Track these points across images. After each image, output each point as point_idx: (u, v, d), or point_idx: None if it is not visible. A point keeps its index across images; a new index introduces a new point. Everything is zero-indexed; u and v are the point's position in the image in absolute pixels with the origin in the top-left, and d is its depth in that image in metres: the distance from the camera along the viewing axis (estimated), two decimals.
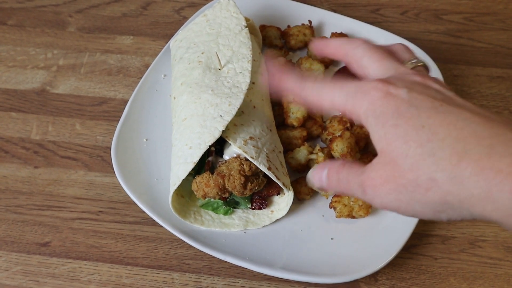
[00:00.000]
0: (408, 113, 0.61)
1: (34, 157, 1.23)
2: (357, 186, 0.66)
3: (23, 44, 1.42)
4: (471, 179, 0.57)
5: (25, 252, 1.11)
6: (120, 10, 1.49)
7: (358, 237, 1.08)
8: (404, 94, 0.62)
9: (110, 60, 1.39)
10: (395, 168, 0.61)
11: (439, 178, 0.58)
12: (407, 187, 0.60)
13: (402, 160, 0.60)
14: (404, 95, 0.62)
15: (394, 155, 0.61)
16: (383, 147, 0.62)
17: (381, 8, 1.50)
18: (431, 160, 0.58)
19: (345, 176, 0.68)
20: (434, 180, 0.59)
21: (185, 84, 1.13)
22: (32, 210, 1.16)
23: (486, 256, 1.10)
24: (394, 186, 0.61)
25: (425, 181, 0.59)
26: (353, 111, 0.65)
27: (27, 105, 1.32)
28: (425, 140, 0.59)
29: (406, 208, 0.62)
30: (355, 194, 0.67)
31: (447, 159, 0.58)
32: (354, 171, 0.67)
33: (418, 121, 0.60)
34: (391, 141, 0.61)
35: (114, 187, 1.18)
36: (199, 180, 1.04)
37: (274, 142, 1.11)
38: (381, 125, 0.62)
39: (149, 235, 1.12)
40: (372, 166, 0.64)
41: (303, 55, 1.35)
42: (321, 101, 0.69)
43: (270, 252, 1.06)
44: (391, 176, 0.61)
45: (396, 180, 0.61)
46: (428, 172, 0.59)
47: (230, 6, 1.23)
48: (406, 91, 0.62)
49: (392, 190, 0.62)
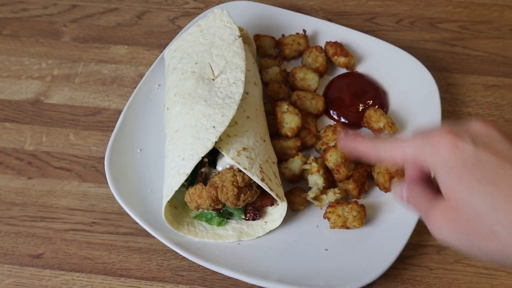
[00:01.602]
0: (473, 166, 0.65)
1: (28, 168, 1.23)
2: (424, 214, 0.71)
3: (18, 54, 1.42)
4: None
5: (18, 264, 1.10)
6: (115, 20, 1.49)
7: (352, 248, 1.07)
8: (470, 147, 0.66)
9: (105, 70, 1.39)
10: (459, 215, 0.65)
11: (499, 232, 0.62)
12: (469, 234, 0.65)
13: (466, 209, 0.65)
14: (471, 148, 0.66)
15: (459, 204, 0.65)
16: (449, 195, 0.67)
17: (376, 16, 1.50)
18: (493, 214, 0.62)
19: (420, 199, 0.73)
20: (495, 233, 0.63)
21: (178, 94, 1.13)
22: (25, 222, 1.15)
23: (481, 267, 1.09)
24: (456, 229, 0.66)
25: (487, 233, 0.63)
26: (424, 164, 0.70)
27: (21, 115, 1.31)
28: (489, 194, 0.63)
29: (467, 250, 0.67)
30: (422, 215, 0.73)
31: (509, 214, 0.62)
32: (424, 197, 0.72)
33: (482, 175, 0.64)
34: (456, 190, 0.66)
35: (107, 198, 1.18)
36: (192, 192, 1.04)
37: (268, 153, 1.11)
38: (448, 175, 0.67)
39: (143, 246, 1.12)
40: (439, 205, 0.69)
41: (297, 64, 1.34)
42: (394, 158, 0.74)
43: (264, 264, 1.05)
44: (455, 220, 0.66)
45: (458, 224, 0.66)
46: (489, 225, 0.63)
47: (224, 16, 1.23)
48: (472, 145, 0.66)
49: (454, 232, 0.66)
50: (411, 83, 1.28)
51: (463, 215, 0.65)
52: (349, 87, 1.28)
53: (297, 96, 1.24)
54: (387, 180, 1.11)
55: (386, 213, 1.11)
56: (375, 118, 1.20)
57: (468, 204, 0.65)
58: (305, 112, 1.23)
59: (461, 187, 0.65)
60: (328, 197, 1.09)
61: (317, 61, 1.30)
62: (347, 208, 1.08)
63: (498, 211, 0.62)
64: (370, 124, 1.21)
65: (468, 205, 0.65)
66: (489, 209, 0.63)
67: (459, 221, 0.66)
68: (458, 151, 0.66)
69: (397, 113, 1.25)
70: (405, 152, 0.72)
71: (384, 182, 1.12)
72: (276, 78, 1.28)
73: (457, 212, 0.66)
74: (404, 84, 1.28)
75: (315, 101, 1.24)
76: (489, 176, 0.64)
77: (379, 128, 1.20)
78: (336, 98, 1.27)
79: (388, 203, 1.12)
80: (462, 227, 0.65)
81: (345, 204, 1.09)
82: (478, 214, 0.64)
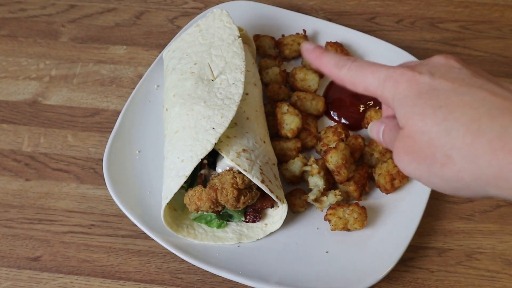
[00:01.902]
0: (428, 94, 0.65)
1: (26, 170, 1.22)
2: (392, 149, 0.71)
3: (15, 54, 1.41)
4: (484, 158, 0.60)
5: (16, 267, 1.09)
6: (113, 20, 1.48)
7: (353, 250, 1.06)
8: (426, 79, 0.67)
9: (103, 71, 1.38)
10: (414, 143, 0.66)
11: (454, 156, 0.62)
12: (425, 161, 0.65)
13: (419, 136, 0.65)
14: (427, 79, 0.67)
15: (413, 131, 0.66)
16: (404, 124, 0.67)
17: (377, 16, 1.49)
18: (446, 138, 0.62)
19: (391, 135, 0.74)
20: (449, 157, 0.62)
21: (177, 95, 1.12)
22: (23, 224, 1.14)
23: (483, 269, 1.08)
24: (413, 158, 0.66)
25: (441, 157, 0.63)
26: (383, 96, 0.71)
27: (18, 116, 1.30)
28: (441, 119, 0.63)
29: (427, 180, 0.67)
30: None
31: (461, 138, 0.61)
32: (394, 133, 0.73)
33: (436, 101, 0.64)
34: (409, 118, 0.66)
35: (106, 200, 1.17)
36: (192, 194, 1.03)
37: (268, 154, 1.10)
38: (403, 105, 0.67)
39: (142, 249, 1.11)
40: (399, 136, 0.69)
41: (297, 64, 1.33)
42: (356, 86, 0.74)
43: (264, 266, 1.04)
44: (411, 149, 0.66)
45: (415, 153, 0.66)
46: (444, 150, 0.63)
47: (223, 16, 1.22)
48: (429, 77, 0.67)
49: (412, 161, 0.66)
50: None
51: (418, 142, 0.65)
52: None
53: (297, 97, 1.23)
54: (388, 181, 1.11)
55: (387, 215, 1.10)
56: (376, 119, 1.19)
57: (421, 130, 0.65)
58: (305, 113, 1.22)
59: (415, 114, 0.66)
60: (328, 199, 1.08)
61: None
62: (348, 210, 1.07)
63: (452, 135, 0.62)
64: None
65: (421, 132, 0.65)
66: (442, 134, 0.63)
67: (415, 149, 0.66)
68: (415, 84, 0.67)
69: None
70: (366, 83, 0.72)
71: (385, 184, 1.11)
72: (276, 79, 1.27)
73: (413, 140, 0.66)
74: None
75: (316, 102, 1.23)
76: (442, 102, 0.64)
77: None
78: (337, 99, 1.26)
79: (390, 205, 1.11)
80: (418, 155, 0.65)
81: (346, 206, 1.08)
82: (432, 139, 0.64)
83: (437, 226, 1.13)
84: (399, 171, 1.11)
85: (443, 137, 0.63)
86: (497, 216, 1.14)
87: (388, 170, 1.11)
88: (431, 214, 1.14)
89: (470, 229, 1.13)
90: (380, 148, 1.16)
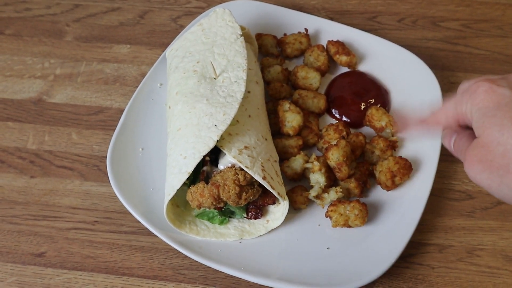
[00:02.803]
0: (507, 107, 0.67)
1: (30, 167, 1.23)
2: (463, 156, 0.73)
3: (20, 53, 1.43)
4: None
5: (20, 263, 1.10)
6: (117, 19, 1.49)
7: (354, 247, 1.07)
8: (506, 91, 0.69)
9: (107, 69, 1.39)
10: (488, 152, 0.68)
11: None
12: (498, 171, 0.67)
13: (495, 146, 0.67)
14: (506, 92, 0.69)
15: (489, 140, 0.68)
16: (480, 133, 0.69)
17: (378, 15, 1.50)
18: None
19: (462, 144, 0.76)
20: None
21: (180, 93, 1.13)
22: (28, 220, 1.16)
23: (484, 265, 1.09)
24: (486, 166, 0.68)
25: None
26: (462, 112, 0.73)
27: (23, 114, 1.32)
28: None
29: (496, 189, 0.69)
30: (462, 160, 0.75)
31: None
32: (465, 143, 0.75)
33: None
34: (487, 128, 0.68)
35: (110, 196, 1.18)
36: (194, 190, 1.04)
37: (270, 151, 1.11)
38: (482, 115, 0.69)
39: (145, 245, 1.12)
40: (472, 144, 0.71)
41: (299, 63, 1.34)
42: (439, 121, 0.79)
43: (266, 262, 1.05)
44: (484, 158, 0.68)
45: (488, 162, 0.68)
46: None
47: (225, 15, 1.23)
48: (509, 90, 0.69)
49: (484, 170, 0.69)
50: (413, 82, 1.27)
51: (493, 152, 0.67)
52: (351, 86, 1.28)
53: (299, 95, 1.24)
54: (389, 178, 1.11)
55: (388, 211, 1.11)
56: (377, 117, 1.20)
57: (498, 141, 0.66)
58: (307, 111, 1.23)
59: (493, 125, 0.67)
60: (330, 195, 1.09)
61: (319, 60, 1.30)
62: (349, 206, 1.08)
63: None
64: (372, 123, 1.21)
65: (498, 142, 0.66)
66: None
67: (489, 158, 0.67)
68: (494, 94, 0.69)
69: (399, 111, 1.25)
70: (447, 109, 0.76)
71: (386, 181, 1.12)
72: (278, 77, 1.28)
73: (488, 149, 0.68)
74: (406, 83, 1.27)
75: (317, 100, 1.24)
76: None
77: (381, 126, 1.20)
78: (338, 97, 1.27)
79: (390, 202, 1.12)
80: (491, 164, 0.67)
81: (347, 203, 1.08)
82: (507, 150, 0.66)
83: (438, 222, 1.14)
84: (400, 168, 1.11)
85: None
86: (498, 213, 1.15)
87: (389, 167, 1.12)
88: (432, 211, 1.14)
89: (471, 226, 1.13)
90: (381, 145, 1.16)
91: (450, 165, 1.20)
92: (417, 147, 1.18)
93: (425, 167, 1.15)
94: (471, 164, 0.71)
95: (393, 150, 1.17)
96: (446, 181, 1.19)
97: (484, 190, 1.16)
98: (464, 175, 1.20)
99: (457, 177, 1.19)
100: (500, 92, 0.69)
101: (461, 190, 1.18)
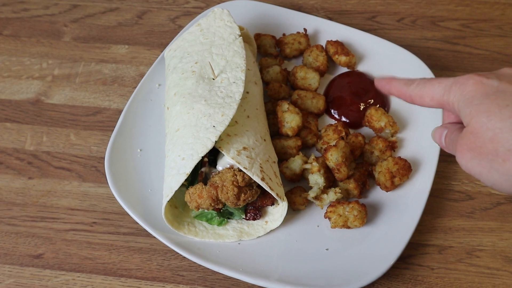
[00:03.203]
0: (494, 95, 0.70)
1: (28, 168, 1.23)
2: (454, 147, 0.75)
3: (18, 54, 1.42)
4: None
5: (18, 265, 1.10)
6: (116, 19, 1.49)
7: (353, 248, 1.07)
8: (494, 82, 0.71)
9: (105, 70, 1.39)
10: (477, 138, 0.69)
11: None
12: (488, 156, 0.68)
13: (483, 132, 0.69)
14: (495, 83, 0.71)
15: (477, 127, 0.69)
16: (468, 121, 0.71)
17: (378, 15, 1.49)
18: (511, 134, 0.66)
19: (453, 138, 0.78)
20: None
21: (178, 94, 1.13)
22: (26, 222, 1.15)
23: (483, 266, 1.08)
24: (476, 153, 0.70)
25: (504, 152, 0.67)
26: (448, 100, 0.75)
27: (21, 115, 1.31)
28: (507, 116, 0.67)
29: (487, 176, 0.70)
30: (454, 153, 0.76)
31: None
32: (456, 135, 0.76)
33: (503, 101, 0.68)
34: (474, 116, 0.70)
35: (108, 197, 1.18)
36: (192, 191, 1.03)
37: (268, 152, 1.10)
38: (469, 104, 0.71)
39: (143, 246, 1.12)
40: (462, 134, 0.73)
41: (298, 63, 1.34)
42: (423, 97, 0.79)
43: (265, 264, 1.05)
44: (473, 145, 0.70)
45: (478, 148, 0.69)
46: (507, 145, 0.66)
47: (224, 15, 1.23)
48: (497, 81, 0.72)
49: (475, 157, 0.70)
50: None
51: (482, 138, 0.69)
52: (350, 86, 1.27)
53: (297, 95, 1.24)
54: (388, 179, 1.11)
55: (387, 212, 1.11)
56: (376, 117, 1.19)
57: (486, 127, 0.68)
58: (305, 112, 1.22)
59: (480, 112, 0.69)
60: (329, 196, 1.09)
61: (318, 60, 1.30)
62: (348, 207, 1.07)
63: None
64: (371, 123, 1.20)
65: (486, 128, 0.68)
66: (507, 130, 0.66)
67: (478, 145, 0.69)
68: (482, 86, 0.71)
69: (399, 112, 1.25)
70: (434, 92, 0.77)
71: (385, 181, 1.11)
72: (276, 77, 1.28)
73: (476, 136, 0.69)
74: None
75: (316, 100, 1.24)
76: (508, 102, 0.68)
77: (380, 127, 1.19)
78: (337, 97, 1.26)
79: (389, 203, 1.12)
80: (481, 151, 0.69)
81: (346, 204, 1.08)
82: (496, 135, 0.67)
83: (437, 223, 1.13)
84: (399, 169, 1.11)
85: (507, 132, 0.66)
86: (497, 213, 1.14)
87: (388, 168, 1.11)
88: (431, 212, 1.14)
89: (470, 227, 1.13)
90: (380, 146, 1.16)
91: (449, 165, 1.20)
92: (417, 147, 1.18)
93: (424, 168, 1.14)
94: (462, 153, 0.72)
95: (392, 151, 1.17)
96: (445, 181, 1.19)
97: (483, 190, 1.17)
98: (464, 176, 1.19)
99: (456, 177, 1.19)
100: (489, 84, 0.71)
101: (461, 190, 1.18)
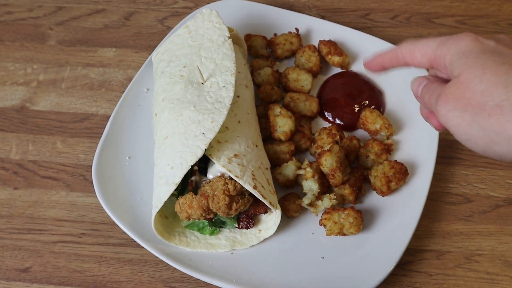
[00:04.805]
0: (491, 53, 0.69)
1: (14, 178, 1.19)
2: (436, 96, 0.73)
3: (2, 59, 1.38)
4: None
5: (5, 279, 1.07)
6: (102, 22, 1.45)
7: (349, 255, 1.04)
8: (491, 43, 0.71)
9: (92, 74, 1.35)
10: (467, 89, 0.68)
11: (505, 107, 0.64)
12: (474, 108, 0.67)
13: (476, 84, 0.67)
14: (492, 43, 0.71)
15: (470, 78, 0.68)
16: (460, 71, 0.69)
17: (371, 12, 1.46)
18: (503, 90, 0.65)
19: (434, 87, 0.76)
20: (500, 107, 0.65)
21: (166, 100, 1.09)
22: (12, 234, 1.12)
23: (482, 271, 1.06)
24: (461, 104, 0.68)
25: (492, 106, 0.65)
26: (441, 54, 0.73)
27: (6, 123, 1.27)
28: (502, 72, 0.66)
29: (464, 129, 0.69)
30: (432, 104, 0.74)
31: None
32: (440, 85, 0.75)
33: (500, 59, 0.68)
34: (469, 67, 0.68)
35: (97, 207, 1.14)
36: (182, 202, 1.00)
37: (261, 158, 1.07)
38: (464, 56, 0.70)
39: (134, 257, 1.08)
40: (450, 83, 0.71)
41: (290, 64, 1.30)
42: (414, 53, 0.77)
43: (259, 273, 1.02)
44: (462, 95, 0.68)
45: (466, 100, 0.68)
46: (497, 100, 0.65)
47: (212, 17, 1.19)
48: (494, 42, 0.71)
49: (459, 107, 0.68)
50: (408, 82, 1.22)
51: (473, 89, 0.67)
52: (344, 87, 1.24)
53: (290, 98, 1.20)
54: (384, 184, 1.08)
55: (384, 218, 1.08)
56: (371, 119, 1.16)
57: (480, 79, 0.67)
58: (298, 115, 1.19)
59: (476, 64, 0.68)
60: (323, 203, 1.06)
61: (311, 60, 1.26)
62: (343, 214, 1.04)
63: (509, 88, 0.64)
64: (366, 125, 1.17)
65: (480, 80, 0.67)
66: (500, 85, 0.65)
67: (467, 96, 0.67)
68: (479, 43, 0.70)
69: (394, 113, 1.22)
70: (428, 45, 0.75)
71: (381, 186, 1.08)
72: (268, 80, 1.24)
73: (467, 87, 0.68)
74: (401, 83, 1.23)
75: (309, 102, 1.20)
76: (505, 60, 0.67)
77: (375, 129, 1.16)
78: (331, 99, 1.23)
79: (386, 208, 1.09)
80: (468, 102, 0.67)
81: (341, 210, 1.05)
82: (488, 88, 0.66)
83: (435, 228, 1.11)
84: (396, 173, 1.08)
85: (500, 87, 0.65)
86: (496, 216, 1.12)
87: (384, 172, 1.08)
88: (428, 216, 1.11)
89: (469, 231, 1.10)
90: (376, 149, 1.13)
91: (446, 167, 1.17)
92: (413, 149, 1.15)
93: (421, 171, 1.12)
94: (446, 101, 0.70)
95: (388, 154, 1.14)
96: (443, 184, 1.16)
97: (482, 193, 1.14)
98: (462, 178, 1.16)
99: (454, 180, 1.16)
100: (486, 42, 0.71)
101: (459, 193, 1.15)
